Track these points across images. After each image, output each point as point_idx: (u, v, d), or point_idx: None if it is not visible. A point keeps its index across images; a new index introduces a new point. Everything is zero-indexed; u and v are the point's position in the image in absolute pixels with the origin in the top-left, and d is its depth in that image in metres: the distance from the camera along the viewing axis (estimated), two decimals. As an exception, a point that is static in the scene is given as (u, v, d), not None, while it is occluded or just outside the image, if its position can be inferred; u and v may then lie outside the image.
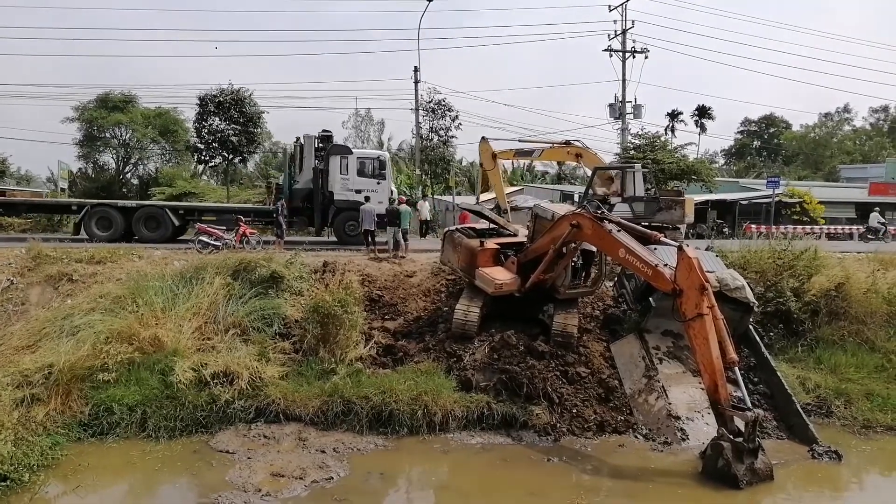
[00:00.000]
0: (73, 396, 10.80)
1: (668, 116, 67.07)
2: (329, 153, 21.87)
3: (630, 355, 12.67)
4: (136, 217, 20.93)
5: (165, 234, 20.99)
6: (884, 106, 76.71)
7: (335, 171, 21.64)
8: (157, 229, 20.94)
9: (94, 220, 20.58)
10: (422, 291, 15.12)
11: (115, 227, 20.57)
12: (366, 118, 59.81)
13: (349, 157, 21.92)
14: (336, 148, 22.40)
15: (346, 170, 21.63)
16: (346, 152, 22.21)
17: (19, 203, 23.34)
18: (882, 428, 11.77)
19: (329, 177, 21.67)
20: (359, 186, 21.44)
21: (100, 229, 20.42)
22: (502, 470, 10.03)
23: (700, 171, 36.55)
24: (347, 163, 21.71)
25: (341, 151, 22.18)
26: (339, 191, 21.42)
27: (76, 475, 9.32)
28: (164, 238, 20.62)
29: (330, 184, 21.61)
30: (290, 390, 11.39)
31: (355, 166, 21.73)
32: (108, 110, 43.75)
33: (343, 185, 21.51)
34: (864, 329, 13.99)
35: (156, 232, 20.86)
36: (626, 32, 36.76)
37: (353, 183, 21.54)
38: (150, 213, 21.17)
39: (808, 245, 15.35)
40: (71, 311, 12.69)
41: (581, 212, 11.62)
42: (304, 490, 9.07)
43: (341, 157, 21.77)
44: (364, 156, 22.51)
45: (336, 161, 21.69)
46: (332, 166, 21.69)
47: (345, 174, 21.60)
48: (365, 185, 21.47)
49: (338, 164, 21.65)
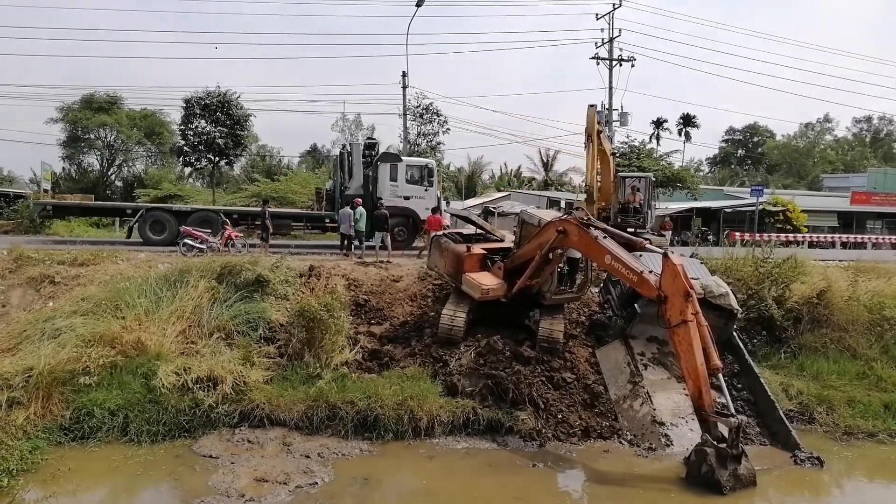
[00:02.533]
0: (54, 400, 10.64)
1: (654, 124, 67.76)
2: (379, 160, 22.37)
3: (615, 361, 12.72)
4: (190, 221, 21.00)
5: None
6: (867, 116, 78.03)
7: (385, 177, 22.04)
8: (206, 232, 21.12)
9: (147, 224, 20.63)
10: (408, 296, 15.09)
11: (168, 230, 20.57)
12: (353, 122, 59.82)
13: (399, 164, 22.45)
14: (386, 156, 23.09)
15: (396, 177, 22.09)
16: (396, 160, 22.81)
17: (71, 206, 23.47)
18: (863, 434, 11.90)
19: (378, 183, 22.05)
20: (407, 193, 22.01)
21: (153, 233, 20.52)
22: (488, 475, 10.02)
23: (685, 179, 36.85)
24: (397, 170, 22.19)
25: (391, 159, 22.79)
26: (388, 197, 21.70)
27: (56, 480, 9.19)
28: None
29: (379, 190, 21.96)
30: (274, 395, 11.31)
31: (404, 173, 22.24)
32: (92, 111, 43.38)
33: (392, 192, 21.88)
34: (845, 336, 14.16)
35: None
36: (613, 41, 37.00)
37: (402, 189, 22.02)
38: (203, 217, 21.20)
39: (789, 253, 15.54)
40: (53, 313, 12.54)
41: (567, 218, 11.67)
42: (289, 495, 9.01)
43: (391, 165, 22.30)
44: (413, 163, 23.12)
45: (386, 168, 22.15)
46: (381, 173, 22.10)
47: (394, 181, 22.04)
48: (413, 192, 22.05)
49: (387, 171, 22.11)
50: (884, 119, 77.18)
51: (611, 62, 37.12)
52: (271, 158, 56.75)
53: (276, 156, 58.72)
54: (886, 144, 76.69)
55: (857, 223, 44.04)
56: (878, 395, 12.87)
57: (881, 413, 12.39)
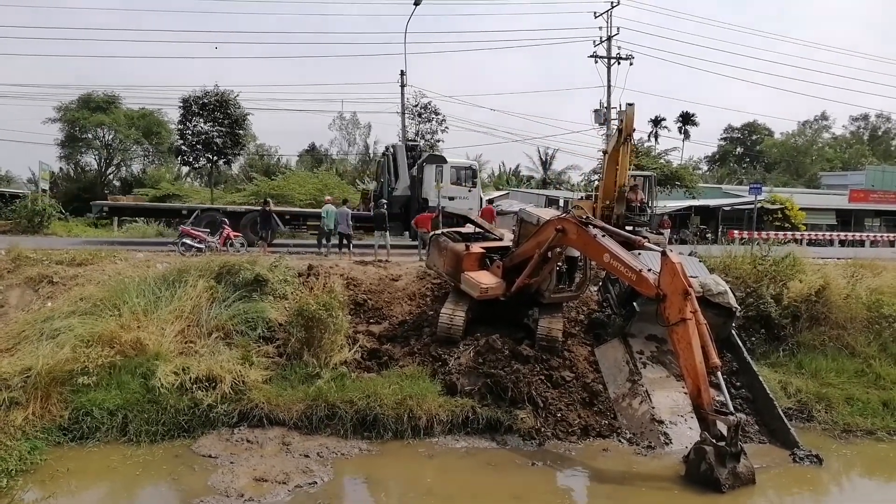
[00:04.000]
0: (53, 400, 10.63)
1: (652, 123, 67.72)
2: (425, 162, 22.94)
3: (614, 359, 12.73)
4: (244, 222, 21.26)
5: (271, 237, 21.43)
6: (864, 114, 78.13)
7: (430, 179, 22.62)
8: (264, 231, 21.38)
9: (201, 225, 20.71)
10: (407, 295, 15.09)
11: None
12: (351, 121, 59.81)
13: (444, 165, 22.97)
14: (432, 157, 23.68)
15: (441, 178, 22.56)
16: (442, 161, 23.26)
17: (126, 207, 23.75)
18: (862, 432, 11.92)
19: (424, 184, 22.55)
20: (452, 194, 22.56)
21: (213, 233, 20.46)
22: (487, 474, 10.02)
23: (683, 177, 36.87)
24: (442, 171, 22.68)
25: (437, 160, 23.29)
26: (433, 198, 22.12)
27: (55, 480, 9.18)
28: (269, 241, 20.94)
29: (424, 191, 22.49)
30: (273, 394, 11.30)
31: (449, 175, 22.81)
32: (90, 111, 43.28)
33: (438, 193, 22.32)
34: (844, 334, 14.18)
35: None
36: (612, 39, 37.02)
37: (447, 190, 22.50)
38: (253, 219, 21.54)
39: (787, 251, 15.56)
40: (51, 313, 12.52)
41: (566, 216, 11.66)
42: (288, 495, 9.00)
43: (436, 166, 22.82)
44: (458, 165, 23.62)
45: (431, 169, 22.73)
46: (426, 174, 22.74)
47: (440, 182, 22.50)
48: (458, 193, 22.68)
49: (433, 173, 22.66)
50: (881, 117, 77.37)
51: (609, 60, 37.14)
52: (269, 157, 56.72)
53: (274, 155, 58.72)
54: (885, 142, 76.80)
55: (856, 221, 44.10)
56: (876, 392, 12.89)
57: (880, 411, 12.40)
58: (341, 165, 52.21)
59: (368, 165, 48.54)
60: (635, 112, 19.56)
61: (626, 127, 19.50)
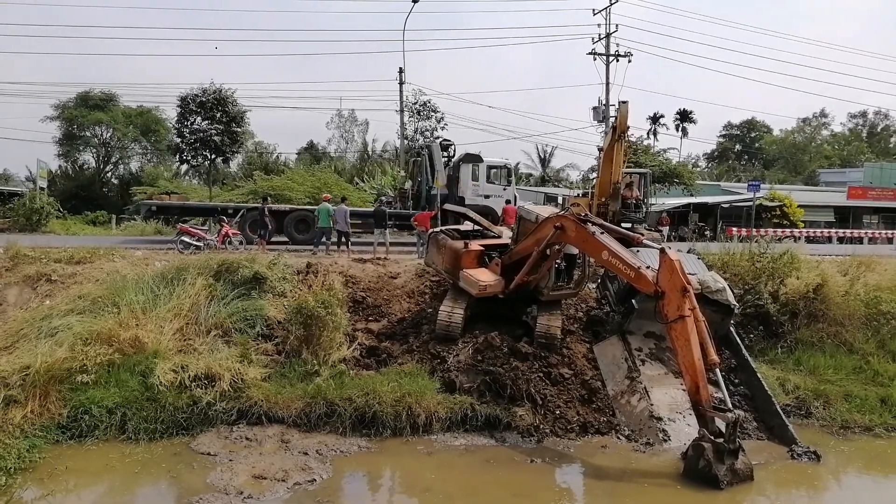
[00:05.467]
0: (52, 398, 10.60)
1: (650, 120, 67.75)
2: (461, 161, 23.43)
3: (613, 357, 12.74)
4: (287, 220, 21.67)
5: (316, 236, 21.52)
6: (862, 111, 78.15)
7: (466, 177, 23.11)
8: (307, 231, 21.74)
9: (248, 224, 21.02)
10: (406, 293, 15.09)
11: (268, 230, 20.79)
12: (349, 118, 59.73)
13: (480, 164, 23.36)
14: (468, 156, 23.98)
15: (477, 176, 23.10)
16: (478, 160, 23.61)
17: (173, 206, 23.88)
18: (860, 429, 11.94)
19: (460, 183, 22.97)
20: (488, 192, 23.04)
21: (252, 231, 20.82)
22: (486, 471, 10.03)
23: (682, 175, 36.88)
24: (478, 170, 23.17)
25: (473, 160, 23.67)
26: (469, 196, 22.65)
27: (54, 478, 9.16)
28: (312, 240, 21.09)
29: (461, 189, 22.91)
30: (272, 392, 11.30)
31: (485, 173, 23.21)
32: (88, 109, 43.24)
33: (474, 191, 22.95)
34: (842, 331, 14.20)
35: (305, 234, 21.70)
36: (610, 36, 36.99)
37: (483, 188, 23.04)
38: (300, 217, 22.10)
39: (785, 248, 15.57)
40: (49, 311, 12.49)
41: (565, 214, 11.67)
42: (287, 492, 9.00)
43: (473, 165, 23.29)
44: (493, 164, 23.77)
45: (468, 168, 23.22)
46: (463, 173, 23.20)
47: (475, 181, 23.09)
48: (493, 191, 23.09)
49: (469, 171, 23.14)
50: (879, 114, 77.40)
51: (608, 58, 37.12)
52: (268, 155, 56.62)
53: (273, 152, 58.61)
54: (883, 139, 76.85)
55: (854, 218, 44.19)
56: (874, 389, 12.91)
57: (877, 407, 12.42)
58: (340, 163, 52.15)
59: (366, 164, 48.49)
60: (629, 109, 19.94)
61: (620, 124, 19.85)
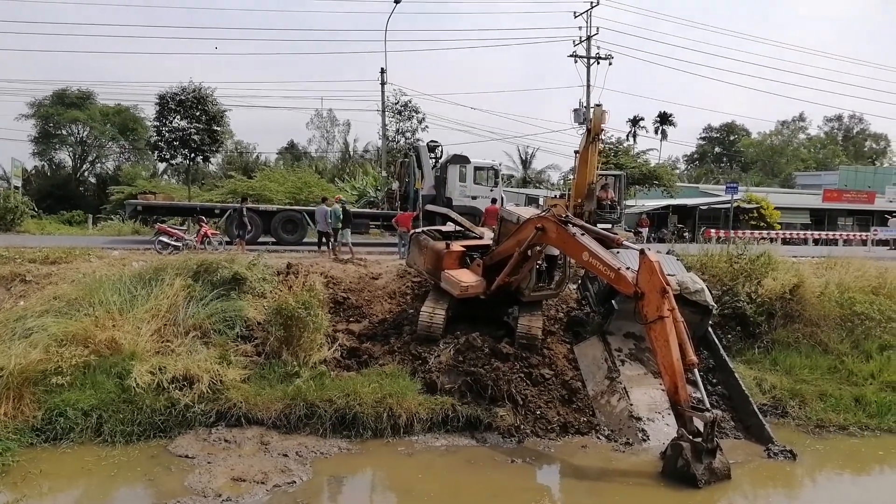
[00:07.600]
0: (26, 400, 10.39)
1: (630, 122, 68.36)
2: (449, 162, 23.48)
3: (593, 357, 12.81)
4: (275, 221, 21.54)
5: (302, 236, 21.77)
6: (838, 115, 79.51)
7: (454, 178, 23.22)
8: (295, 232, 21.70)
9: (234, 223, 20.57)
10: (387, 294, 15.05)
11: (255, 229, 20.74)
12: (328, 118, 59.52)
13: (467, 166, 23.48)
14: (455, 157, 24.06)
15: (464, 178, 23.22)
16: (465, 161, 23.70)
17: (160, 206, 23.54)
18: (835, 428, 12.10)
19: (447, 184, 23.04)
20: (475, 193, 23.11)
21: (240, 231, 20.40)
22: (467, 472, 10.03)
23: (661, 177, 37.22)
24: (465, 171, 23.30)
25: (460, 161, 23.75)
26: (457, 197, 22.75)
27: (28, 482, 8.99)
28: (300, 241, 21.18)
29: (448, 190, 22.99)
30: (251, 393, 11.20)
31: (472, 174, 23.33)
32: (64, 107, 42.64)
33: (461, 192, 23.08)
34: (817, 331, 14.41)
35: (293, 235, 21.62)
36: (591, 39, 37.25)
37: (470, 190, 23.19)
38: (288, 217, 22.01)
39: (762, 249, 15.78)
40: (24, 312, 12.26)
41: (546, 215, 11.71)
42: (266, 494, 8.93)
43: (460, 166, 23.39)
44: (480, 165, 23.89)
45: (455, 169, 23.30)
46: (450, 174, 23.30)
47: (463, 182, 23.21)
48: (480, 192, 23.08)
49: (456, 173, 23.25)
50: (854, 118, 78.77)
51: (588, 60, 37.37)
52: (248, 155, 56.25)
53: (253, 152, 58.23)
54: (858, 143, 78.21)
55: (829, 220, 44.92)
56: (849, 388, 13.09)
57: (852, 406, 12.60)
58: (321, 163, 51.93)
59: (348, 164, 48.36)
60: (605, 112, 20.44)
61: (595, 126, 20.48)
